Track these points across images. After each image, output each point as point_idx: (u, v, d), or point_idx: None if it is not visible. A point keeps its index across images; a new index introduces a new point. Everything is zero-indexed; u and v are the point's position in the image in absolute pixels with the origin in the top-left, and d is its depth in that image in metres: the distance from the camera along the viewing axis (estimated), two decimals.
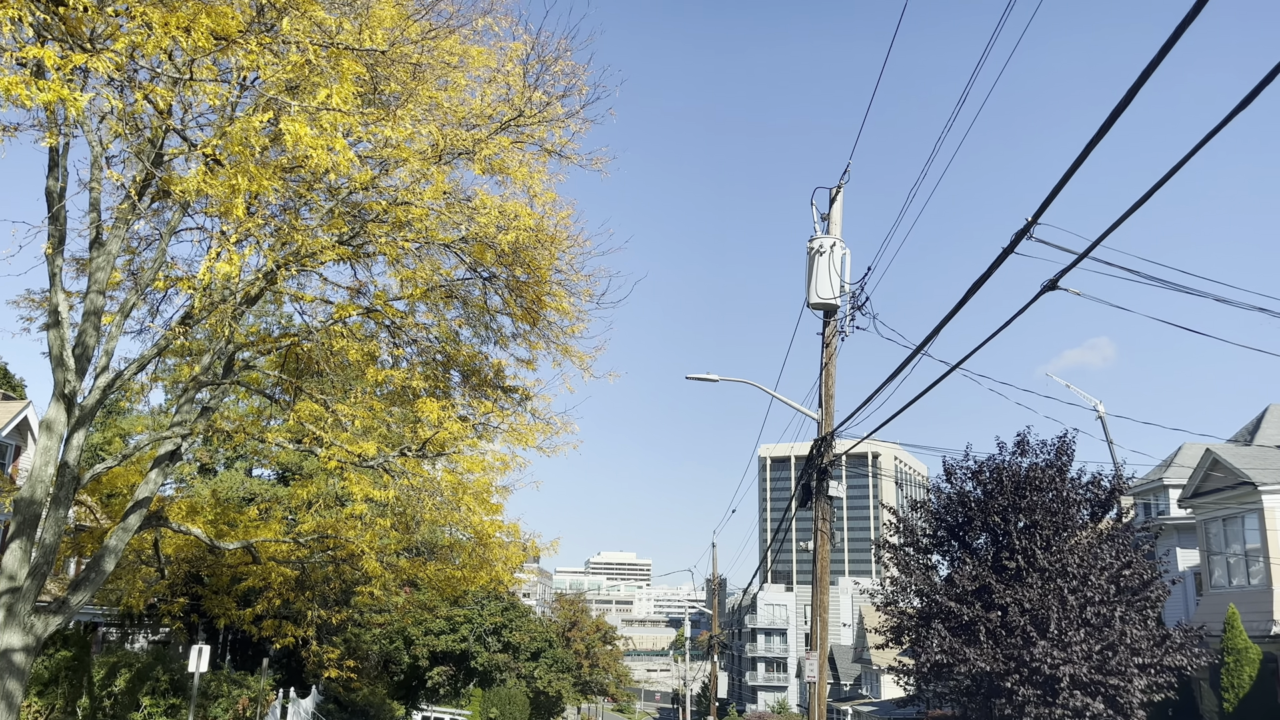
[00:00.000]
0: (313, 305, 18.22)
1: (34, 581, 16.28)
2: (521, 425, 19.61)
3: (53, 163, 15.56)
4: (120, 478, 25.31)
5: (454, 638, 58.21)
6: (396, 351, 19.44)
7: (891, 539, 22.74)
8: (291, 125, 9.51)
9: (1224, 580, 26.68)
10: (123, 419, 39.33)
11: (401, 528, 25.00)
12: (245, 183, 9.88)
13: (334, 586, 31.35)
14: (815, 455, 20.10)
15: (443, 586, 27.63)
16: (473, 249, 16.52)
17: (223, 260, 11.65)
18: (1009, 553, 20.09)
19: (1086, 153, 8.23)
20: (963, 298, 11.49)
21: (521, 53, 15.67)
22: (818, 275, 19.39)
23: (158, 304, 18.93)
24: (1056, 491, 20.66)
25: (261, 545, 25.56)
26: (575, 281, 18.78)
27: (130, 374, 17.26)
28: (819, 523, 20.03)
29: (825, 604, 20.06)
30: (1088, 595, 19.39)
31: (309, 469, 33.81)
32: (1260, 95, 6.59)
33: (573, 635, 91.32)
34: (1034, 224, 9.68)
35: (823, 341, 20.00)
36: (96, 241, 16.29)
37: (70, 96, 8.47)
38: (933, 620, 20.27)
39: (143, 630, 35.96)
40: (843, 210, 20.12)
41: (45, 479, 16.36)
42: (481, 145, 14.95)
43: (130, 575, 27.15)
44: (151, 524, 21.39)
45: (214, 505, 30.51)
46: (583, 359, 19.46)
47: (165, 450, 18.80)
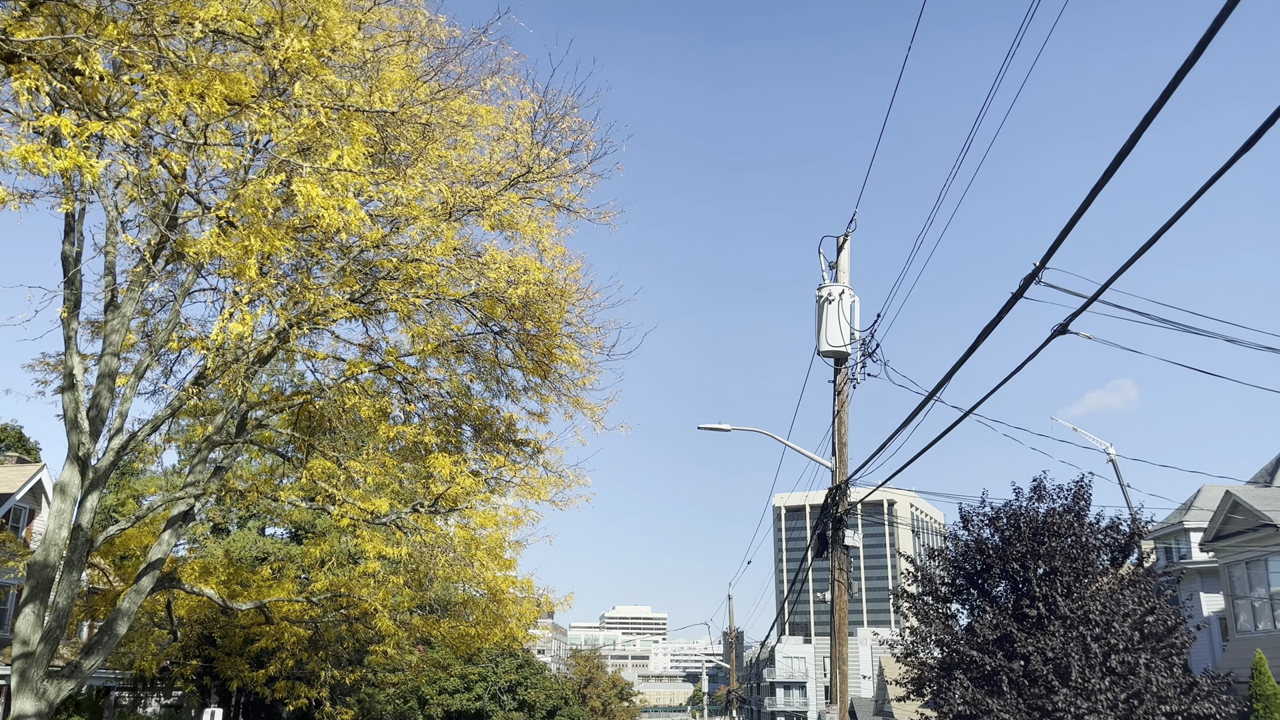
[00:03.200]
0: (325, 363, 18.31)
1: (47, 646, 16.19)
2: (534, 479, 19.55)
3: (69, 228, 15.79)
4: (133, 539, 25.27)
5: (468, 696, 57.42)
6: (408, 407, 19.48)
7: (909, 588, 22.46)
8: (303, 186, 9.65)
9: (1250, 625, 26.20)
10: (136, 480, 39.37)
11: (415, 585, 24.85)
12: (258, 243, 10.00)
13: (347, 646, 31.07)
14: (830, 504, 19.94)
15: (456, 644, 27.37)
16: (483, 304, 16.62)
17: (235, 320, 11.75)
18: (1029, 600, 19.79)
19: (1092, 197, 8.27)
20: (972, 344, 11.48)
21: (529, 110, 15.90)
22: (827, 323, 19.41)
23: (171, 365, 19.07)
24: (1075, 537, 20.41)
25: (274, 605, 25.40)
26: (586, 334, 18.85)
27: (144, 435, 17.33)
28: (836, 573, 19.81)
29: (844, 655, 19.75)
30: (1111, 643, 19.04)
31: (322, 527, 33.71)
32: (1263, 137, 6.63)
33: (589, 692, 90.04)
34: (1042, 269, 9.70)
35: (834, 389, 19.95)
36: (111, 304, 16.46)
37: (87, 163, 8.62)
38: (954, 670, 19.93)
39: (155, 694, 35.61)
40: (850, 258, 20.20)
41: (59, 542, 16.35)
42: (491, 202, 15.12)
43: (143, 638, 26.98)
44: (164, 585, 21.31)
45: (227, 565, 30.39)
46: (594, 411, 19.46)
47: (178, 511, 18.79)
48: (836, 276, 19.97)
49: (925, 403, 13.87)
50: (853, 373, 19.27)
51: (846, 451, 19.87)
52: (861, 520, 24.09)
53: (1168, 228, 7.88)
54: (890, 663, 55.28)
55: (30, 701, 15.84)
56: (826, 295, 19.60)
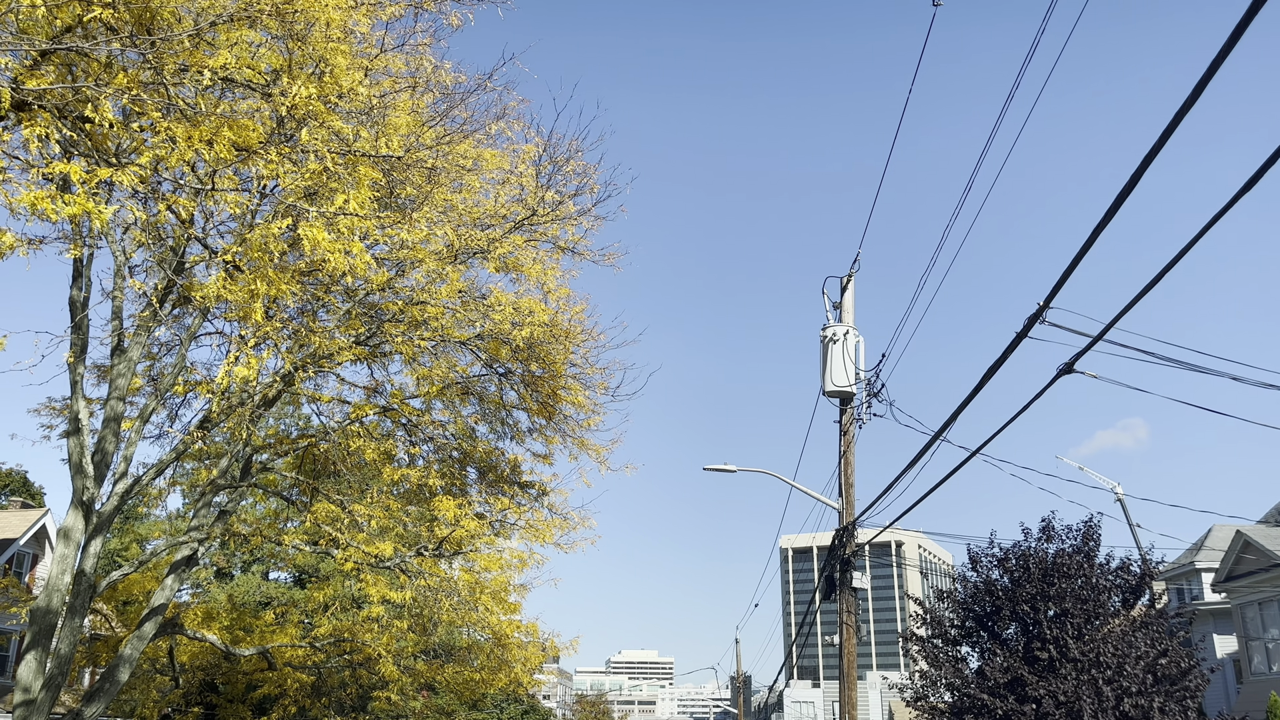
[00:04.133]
0: (330, 406, 18.32)
1: (48, 693, 16.04)
2: (539, 521, 19.45)
3: (77, 273, 15.90)
4: (136, 584, 25.13)
5: None
6: (413, 450, 19.45)
7: (918, 631, 22.21)
8: (310, 231, 9.72)
9: (1264, 666, 25.84)
10: (140, 524, 39.25)
11: (419, 629, 24.64)
12: (264, 287, 10.05)
13: (351, 692, 30.74)
14: (837, 546, 19.79)
15: (461, 689, 27.08)
16: (488, 346, 16.67)
17: (241, 364, 11.78)
18: (1040, 643, 19.56)
19: (1095, 235, 8.30)
20: (978, 384, 11.46)
21: (534, 154, 16.06)
22: (832, 363, 19.39)
23: (176, 408, 19.08)
24: (1086, 578, 20.21)
25: (277, 650, 25.18)
26: (590, 375, 18.87)
27: (148, 479, 17.30)
28: (844, 615, 19.61)
29: (854, 700, 19.49)
30: (1124, 685, 18.78)
31: (326, 571, 33.53)
32: (1267, 174, 6.66)
33: None
34: (1046, 308, 9.71)
35: (840, 429, 19.89)
36: (118, 349, 16.52)
37: (95, 209, 8.70)
38: (965, 715, 19.65)
39: None
40: (854, 298, 20.24)
41: (62, 588, 16.26)
42: (496, 244, 15.21)
43: (145, 685, 26.73)
44: (167, 631, 21.16)
45: (230, 610, 30.18)
46: (599, 452, 19.41)
47: (182, 555, 18.71)
48: (841, 316, 19.99)
49: (931, 443, 13.82)
50: (858, 413, 19.22)
51: (853, 492, 19.76)
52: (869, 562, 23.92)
53: (1171, 266, 7.90)
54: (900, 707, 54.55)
55: None
56: (831, 335, 19.61)
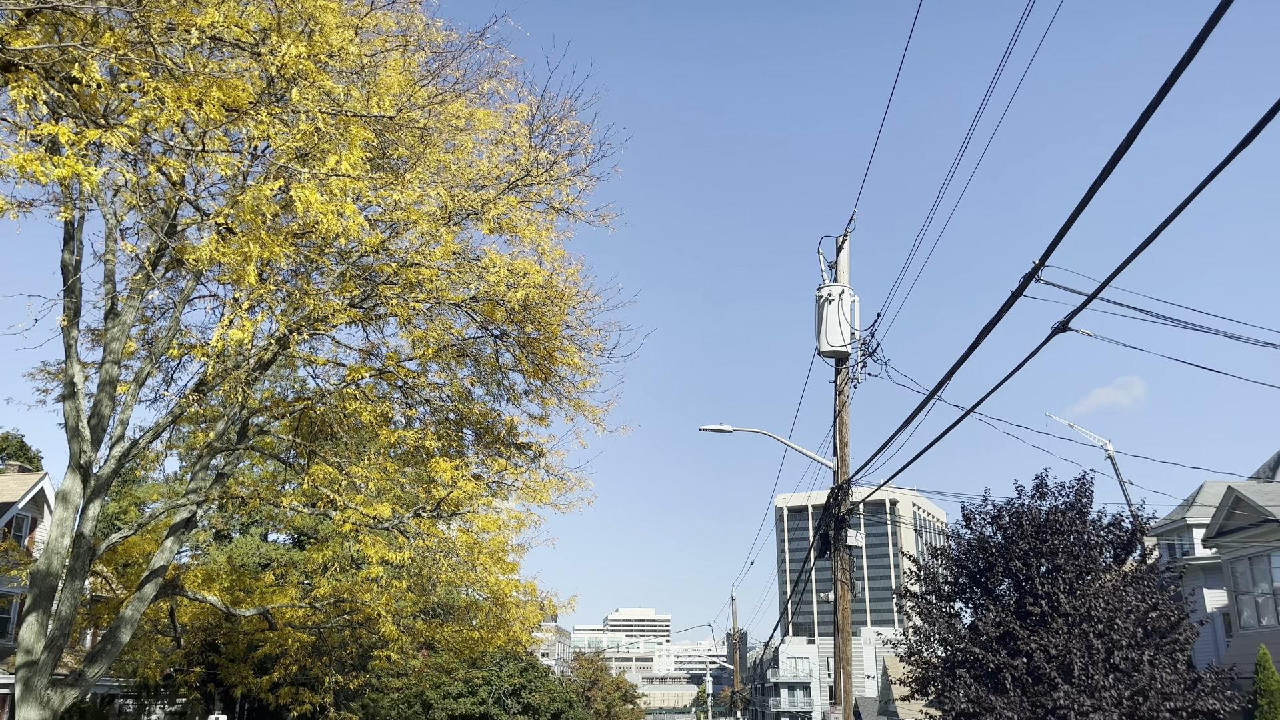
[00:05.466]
0: (325, 368, 18.31)
1: (50, 655, 16.19)
2: (536, 482, 19.54)
3: (68, 236, 15.80)
4: (136, 547, 25.27)
5: (473, 700, 57.40)
6: (409, 412, 19.48)
7: (913, 587, 22.44)
8: (302, 192, 9.66)
9: (1253, 620, 26.18)
10: (138, 488, 39.38)
11: (418, 589, 24.83)
12: (257, 250, 10.00)
13: (351, 651, 31.05)
14: (832, 504, 19.94)
15: (460, 648, 27.36)
16: (483, 308, 16.63)
17: (235, 327, 11.76)
18: (1032, 598, 19.78)
19: (1091, 193, 8.27)
20: (973, 343, 11.47)
21: (527, 114, 15.91)
22: (827, 323, 19.41)
23: (172, 372, 19.06)
24: (1078, 534, 20.39)
25: (278, 611, 25.38)
26: (586, 336, 18.86)
27: (145, 443, 17.32)
28: (839, 573, 19.81)
29: (848, 656, 19.76)
30: (1114, 639, 19.03)
31: (324, 532, 33.72)
32: (1261, 133, 6.63)
33: (593, 694, 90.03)
34: (1041, 267, 9.70)
35: (835, 389, 19.95)
36: (111, 312, 16.46)
37: (85, 172, 8.63)
38: (958, 669, 19.91)
39: (159, 701, 35.58)
40: (850, 258, 20.21)
41: (61, 551, 16.35)
42: (489, 205, 15.13)
43: (146, 645, 26.96)
44: (167, 593, 21.30)
45: (230, 572, 30.39)
46: (595, 413, 19.46)
47: (181, 518, 18.79)
48: (836, 276, 19.97)
49: (926, 402, 13.87)
50: (853, 372, 19.27)
51: (848, 451, 19.88)
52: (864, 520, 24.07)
53: (1167, 224, 7.88)
54: (894, 662, 55.26)
55: (35, 710, 15.83)
56: (826, 295, 19.61)
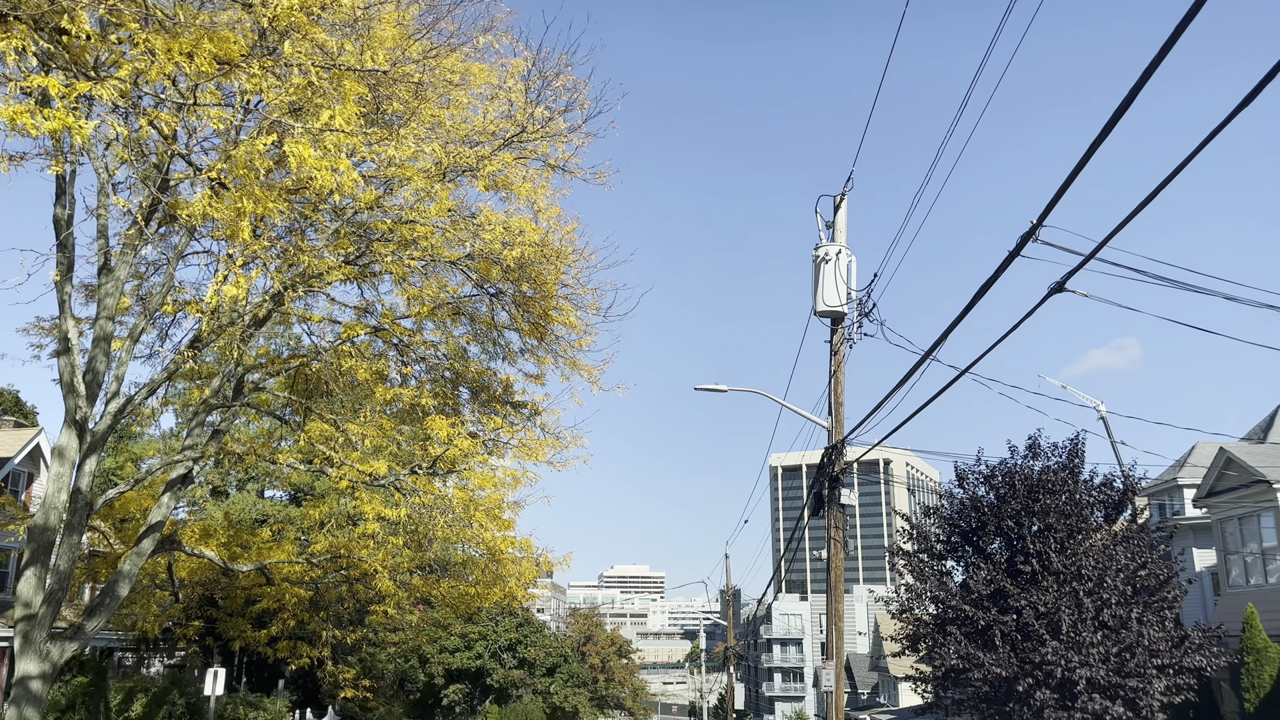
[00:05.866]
0: (320, 326, 18.28)
1: (49, 608, 16.31)
2: (531, 440, 19.62)
3: (60, 190, 15.67)
4: (133, 502, 25.38)
5: (469, 655, 58.10)
6: (405, 370, 19.48)
7: (905, 545, 22.65)
8: (295, 147, 9.57)
9: (1241, 579, 26.48)
10: (134, 444, 39.47)
11: (414, 546, 25.00)
12: (250, 205, 9.93)
13: (348, 606, 31.32)
14: (826, 463, 20.05)
15: (456, 604, 27.60)
16: (478, 265, 16.57)
17: (230, 283, 11.71)
18: (1023, 557, 19.98)
19: (1090, 154, 8.22)
20: (969, 302, 11.46)
21: (523, 69, 15.74)
22: (824, 283, 19.37)
23: (166, 328, 19.02)
24: (1069, 494, 20.55)
25: (275, 567, 25.58)
26: (582, 295, 18.82)
27: (141, 399, 17.33)
28: (832, 531, 19.97)
29: (840, 612, 19.98)
30: (1104, 597, 19.26)
31: (321, 489, 33.88)
32: (1262, 93, 6.58)
33: (588, 649, 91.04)
34: (1039, 226, 9.66)
35: (831, 349, 19.97)
36: (105, 268, 16.39)
37: (75, 124, 8.54)
38: (948, 626, 20.16)
39: (158, 655, 35.97)
40: (847, 217, 20.11)
41: (58, 505, 16.41)
42: (485, 162, 15.01)
43: (145, 600, 27.19)
44: (165, 548, 21.44)
45: (227, 528, 30.56)
46: (591, 372, 19.48)
47: (177, 474, 18.86)
48: (834, 236, 19.90)
49: (922, 361, 13.89)
50: (849, 332, 19.27)
51: (843, 411, 19.94)
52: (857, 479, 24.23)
53: (1166, 184, 7.85)
54: (885, 619, 55.94)
55: (34, 663, 16.00)
56: (823, 255, 19.55)
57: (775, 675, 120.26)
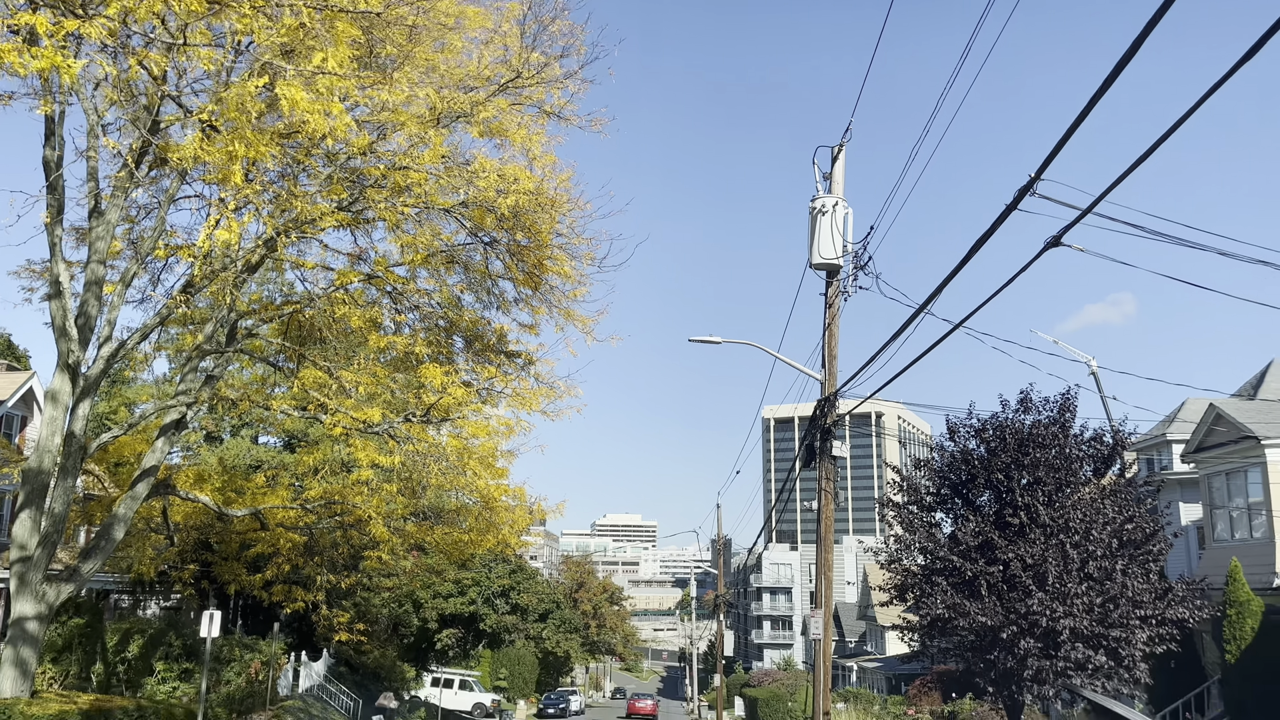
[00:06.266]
0: (314, 272, 18.20)
1: (44, 550, 16.43)
2: (525, 390, 19.66)
3: (49, 131, 15.48)
4: (127, 446, 25.44)
5: (462, 600, 58.80)
6: (399, 318, 19.44)
7: (895, 497, 22.85)
8: (287, 90, 9.44)
9: (1226, 534, 26.80)
10: (127, 388, 39.46)
11: (408, 493, 25.16)
12: (242, 149, 9.83)
13: (342, 552, 31.58)
14: (819, 416, 20.13)
15: (450, 550, 27.84)
16: (473, 213, 16.46)
17: (222, 228, 11.63)
18: (1012, 509, 20.18)
19: (1090, 107, 8.15)
20: (965, 255, 11.43)
21: (518, 13, 15.50)
22: (820, 235, 19.29)
23: (159, 273, 18.92)
24: (1059, 448, 20.71)
25: (269, 512, 25.73)
26: (576, 245, 18.74)
27: (133, 343, 17.30)
28: (823, 482, 20.12)
29: (830, 562, 20.20)
30: (1089, 549, 19.50)
31: (315, 436, 33.97)
32: (1264, 48, 6.51)
33: (580, 596, 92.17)
34: (1037, 180, 9.61)
35: (825, 302, 19.95)
36: (95, 211, 16.25)
37: (64, 64, 8.41)
38: (936, 576, 20.42)
39: (154, 597, 36.31)
40: (845, 169, 19.97)
41: (52, 449, 16.45)
42: (479, 108, 14.84)
43: (140, 543, 27.37)
44: (159, 492, 21.54)
45: (221, 473, 30.69)
46: (585, 323, 19.47)
47: (171, 419, 18.89)
48: (830, 188, 19.77)
49: (916, 314, 13.88)
50: (844, 285, 19.24)
51: (836, 364, 19.97)
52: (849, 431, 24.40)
53: (1165, 139, 7.79)
54: (874, 569, 56.60)
55: (30, 604, 16.15)
56: (820, 207, 19.44)
57: (764, 623, 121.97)
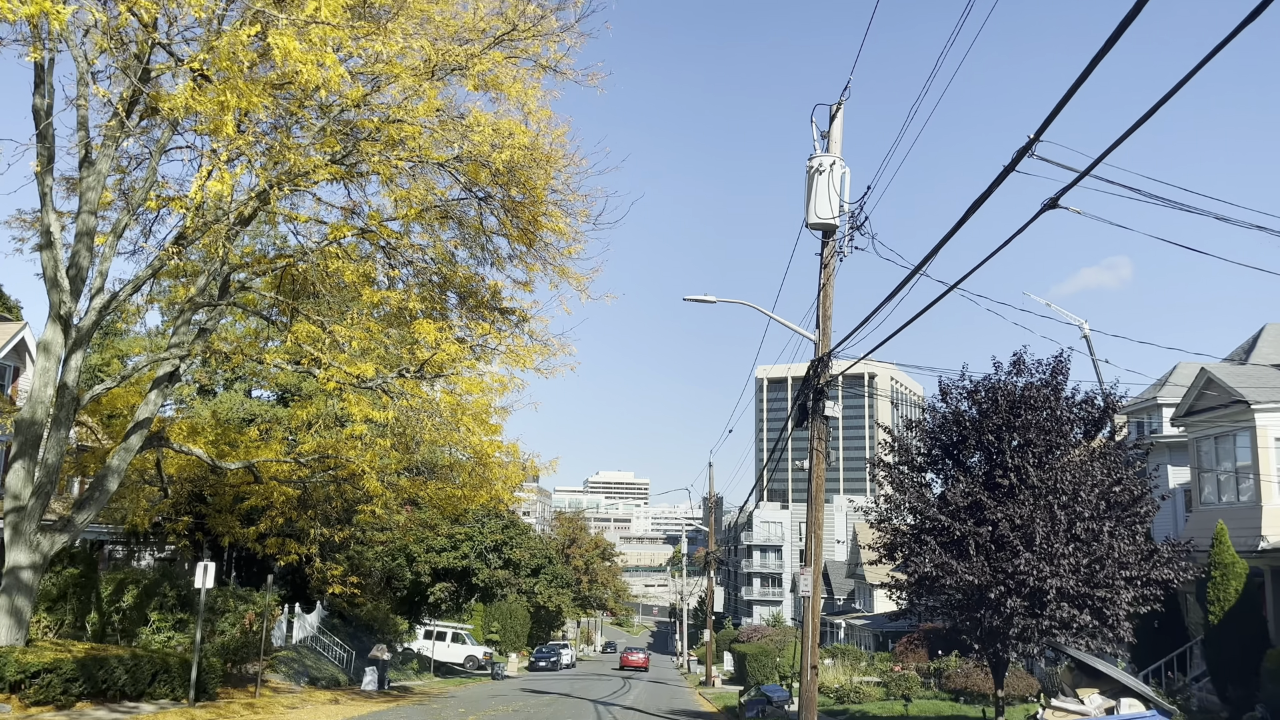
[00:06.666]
0: (307, 226, 18.09)
1: (38, 501, 16.49)
2: (519, 347, 19.67)
3: (39, 79, 15.28)
4: (120, 398, 25.42)
5: (455, 555, 59.26)
6: (392, 273, 19.38)
7: (886, 458, 22.96)
8: (280, 39, 9.32)
9: (1214, 497, 27.05)
10: (120, 340, 39.34)
11: (401, 448, 25.24)
12: (234, 99, 9.72)
13: (336, 505, 31.73)
14: (812, 376, 20.19)
15: (443, 505, 28.01)
16: (467, 168, 16.34)
17: (214, 179, 11.54)
18: (1002, 470, 20.30)
19: (1090, 69, 8.09)
20: (962, 216, 11.40)
21: None
22: (817, 195, 19.21)
23: (150, 224, 18.79)
24: (1051, 410, 20.77)
25: (263, 465, 25.80)
26: (571, 201, 18.65)
27: (125, 295, 17.22)
28: (815, 442, 20.22)
29: (820, 521, 20.37)
30: (1077, 511, 19.64)
31: (308, 390, 33.97)
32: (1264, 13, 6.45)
33: (572, 552, 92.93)
34: (1036, 141, 9.56)
35: (821, 262, 19.92)
36: (86, 160, 16.09)
37: (53, 9, 8.28)
38: (925, 536, 20.58)
39: (148, 548, 36.50)
40: (843, 128, 19.84)
41: (45, 400, 16.44)
42: (475, 60, 14.67)
43: (134, 495, 27.45)
44: (153, 444, 21.58)
45: (214, 426, 30.71)
46: (580, 280, 19.43)
47: (164, 372, 18.86)
48: (828, 147, 19.65)
49: (912, 275, 13.88)
50: (840, 245, 19.19)
51: (830, 324, 20.00)
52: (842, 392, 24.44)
53: (1164, 101, 7.75)
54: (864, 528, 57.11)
55: (25, 553, 16.23)
56: (817, 166, 19.34)
57: (754, 580, 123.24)
